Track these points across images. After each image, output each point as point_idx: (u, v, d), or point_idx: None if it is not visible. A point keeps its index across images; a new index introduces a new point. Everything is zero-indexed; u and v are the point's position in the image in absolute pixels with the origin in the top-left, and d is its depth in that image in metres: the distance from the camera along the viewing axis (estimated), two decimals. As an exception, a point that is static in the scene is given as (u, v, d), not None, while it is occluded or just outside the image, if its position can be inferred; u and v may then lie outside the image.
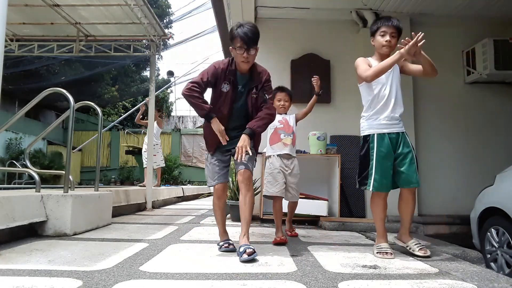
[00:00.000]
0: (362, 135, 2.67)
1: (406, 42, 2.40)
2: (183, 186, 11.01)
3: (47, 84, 11.89)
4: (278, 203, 3.25)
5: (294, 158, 3.37)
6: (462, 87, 5.19)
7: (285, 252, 2.61)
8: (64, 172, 3.44)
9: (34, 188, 3.22)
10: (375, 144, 2.55)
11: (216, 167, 2.68)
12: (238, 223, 3.72)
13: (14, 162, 10.37)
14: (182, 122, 21.01)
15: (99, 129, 4.22)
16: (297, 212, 4.22)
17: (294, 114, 3.52)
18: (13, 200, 2.59)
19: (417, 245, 2.60)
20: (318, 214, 4.29)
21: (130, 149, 14.68)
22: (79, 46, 6.18)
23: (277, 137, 3.35)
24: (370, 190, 2.54)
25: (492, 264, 3.24)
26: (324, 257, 2.46)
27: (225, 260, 2.30)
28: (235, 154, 2.51)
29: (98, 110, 4.22)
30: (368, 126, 2.61)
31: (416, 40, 2.36)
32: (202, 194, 11.04)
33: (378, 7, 4.85)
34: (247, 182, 2.58)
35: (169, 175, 14.94)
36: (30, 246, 2.53)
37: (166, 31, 7.34)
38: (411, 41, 2.37)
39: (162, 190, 7.50)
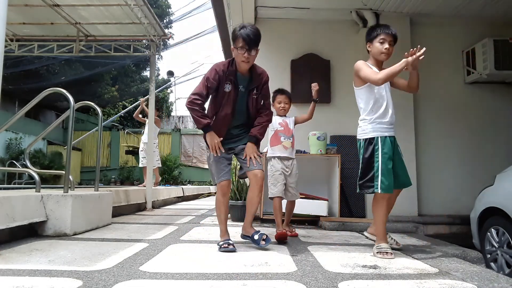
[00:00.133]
0: (363, 138, 2.68)
1: (413, 53, 2.47)
2: (183, 186, 11.02)
3: (47, 84, 11.90)
4: (278, 202, 3.39)
5: (293, 159, 3.51)
6: (462, 87, 5.19)
7: (285, 252, 2.61)
8: (64, 172, 3.44)
9: (34, 188, 3.22)
10: (380, 146, 2.59)
11: (221, 164, 2.75)
12: (237, 223, 3.73)
13: (14, 162, 10.37)
14: (182, 122, 21.00)
15: (99, 129, 4.22)
16: (297, 212, 4.23)
17: (294, 117, 3.62)
18: (13, 200, 2.59)
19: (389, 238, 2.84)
20: (318, 214, 4.29)
21: (130, 149, 14.70)
22: (79, 46, 6.17)
23: (277, 139, 3.46)
24: (379, 191, 2.55)
25: (492, 264, 3.24)
26: (324, 257, 2.46)
27: (225, 260, 2.30)
28: (247, 162, 2.75)
29: (98, 110, 4.22)
30: (372, 129, 2.64)
31: (421, 53, 2.44)
32: (202, 194, 11.05)
33: (378, 7, 4.85)
34: (261, 182, 2.77)
35: (169, 175, 14.94)
36: (30, 246, 2.53)
37: (166, 31, 7.34)
38: (417, 52, 2.44)
39: (162, 190, 7.50)
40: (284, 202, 3.53)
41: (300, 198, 4.34)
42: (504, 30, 5.00)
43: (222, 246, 2.57)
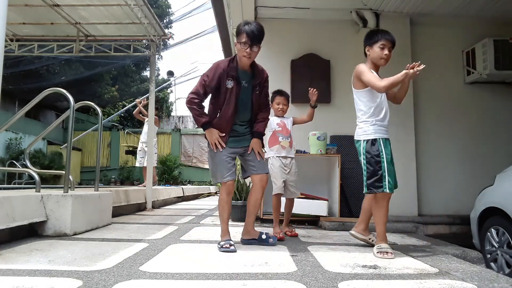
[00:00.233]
0: (366, 139, 2.71)
1: (413, 66, 2.51)
2: (183, 186, 11.01)
3: (47, 84, 11.90)
4: (277, 200, 3.49)
5: (291, 158, 3.57)
6: (462, 87, 5.18)
7: (285, 252, 2.61)
8: (64, 172, 3.44)
9: (34, 188, 3.22)
10: (383, 147, 2.66)
11: (227, 164, 2.77)
12: (237, 223, 3.73)
13: (14, 162, 10.36)
14: (182, 122, 21.01)
15: (99, 129, 4.23)
16: (297, 212, 4.24)
17: (292, 118, 3.69)
18: (13, 200, 2.59)
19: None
20: (318, 214, 4.29)
21: (130, 149, 14.68)
22: (79, 46, 6.18)
23: (275, 139, 3.54)
24: (387, 191, 2.60)
25: (492, 264, 3.24)
26: (324, 257, 2.46)
27: (225, 260, 2.30)
28: (257, 156, 2.86)
29: (98, 110, 4.22)
30: (374, 130, 2.69)
31: (420, 69, 2.49)
32: (202, 194, 11.05)
33: (378, 7, 4.85)
34: (265, 185, 2.92)
35: (169, 175, 14.93)
36: (30, 246, 2.53)
37: (166, 31, 7.34)
38: (417, 67, 2.49)
39: (162, 190, 7.50)
40: (283, 202, 3.60)
41: (300, 198, 4.36)
42: (504, 30, 5.00)
43: (224, 246, 2.56)
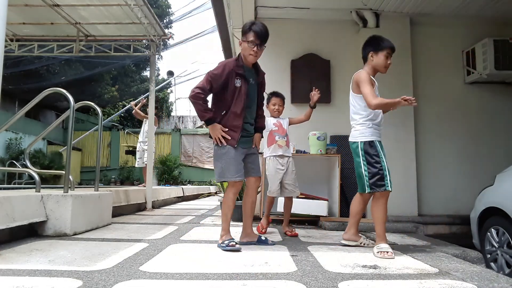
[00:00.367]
0: (363, 140, 2.78)
1: (408, 99, 2.62)
2: (183, 186, 11.01)
3: (47, 84, 11.90)
4: (271, 200, 3.68)
5: (288, 157, 3.65)
6: (462, 87, 5.19)
7: (285, 252, 2.61)
8: (64, 172, 3.43)
9: (34, 188, 3.22)
10: (380, 148, 2.76)
11: (239, 164, 2.78)
12: (237, 223, 3.73)
13: (14, 162, 10.35)
14: (182, 122, 21.00)
15: (99, 129, 4.22)
16: (297, 212, 4.24)
17: (288, 118, 3.79)
18: (13, 200, 2.59)
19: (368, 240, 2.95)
20: (318, 214, 4.29)
21: (130, 149, 14.66)
22: (79, 46, 6.18)
23: (272, 139, 3.65)
24: (389, 189, 2.69)
25: (492, 264, 3.24)
26: (324, 257, 2.46)
27: (225, 260, 2.30)
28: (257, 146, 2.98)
29: (98, 110, 4.21)
30: (371, 133, 2.78)
31: (413, 104, 2.63)
32: (202, 194, 11.04)
33: (378, 7, 4.85)
34: (259, 185, 3.01)
35: (169, 175, 14.93)
36: (30, 246, 2.53)
37: (166, 31, 7.33)
38: (411, 101, 2.62)
39: (162, 190, 7.50)
40: (281, 202, 3.79)
41: (300, 198, 4.36)
42: (504, 30, 5.00)
43: (229, 245, 2.56)
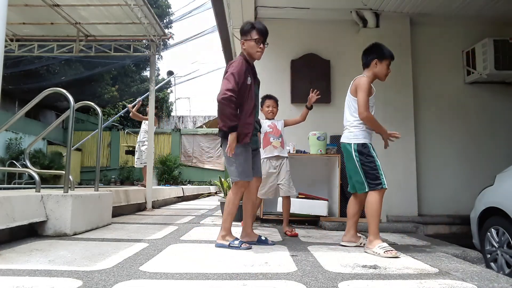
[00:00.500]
0: (357, 142, 2.87)
1: (394, 135, 2.97)
2: (183, 186, 11.01)
3: (47, 84, 11.88)
4: (259, 200, 3.76)
5: (283, 158, 3.72)
6: (462, 87, 5.18)
7: (285, 252, 2.62)
8: (64, 172, 3.43)
9: (34, 188, 3.22)
10: (372, 149, 2.86)
11: (249, 166, 2.81)
12: (237, 223, 3.72)
13: (14, 162, 10.34)
14: (182, 122, 21.00)
15: (99, 129, 4.22)
16: (297, 212, 4.24)
17: (283, 120, 3.84)
18: (13, 200, 2.59)
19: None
20: (318, 214, 4.29)
21: (130, 149, 14.65)
22: (79, 46, 6.17)
23: (267, 140, 3.72)
24: (386, 187, 2.79)
25: (492, 264, 3.24)
26: (324, 257, 2.46)
27: (225, 260, 2.30)
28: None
29: (98, 110, 4.21)
30: (363, 135, 2.89)
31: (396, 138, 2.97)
32: (202, 194, 11.04)
33: (378, 7, 4.85)
34: (258, 187, 3.07)
35: (169, 175, 14.93)
36: (30, 246, 2.53)
37: (166, 31, 7.33)
38: (395, 135, 2.97)
39: (162, 190, 7.49)
40: (279, 202, 3.94)
41: (300, 197, 4.36)
42: (504, 30, 5.00)
43: (242, 246, 2.65)
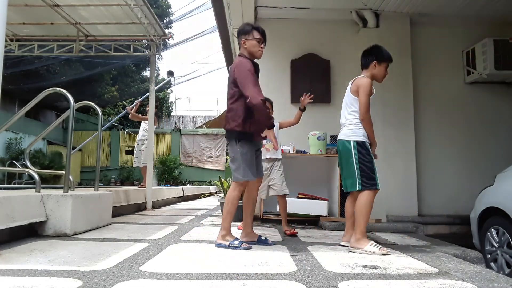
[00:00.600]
0: (356, 140, 2.85)
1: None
2: (183, 186, 11.01)
3: (47, 84, 11.89)
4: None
5: (275, 160, 3.77)
6: (462, 87, 5.19)
7: (285, 252, 2.62)
8: (64, 172, 3.43)
9: (34, 188, 3.22)
10: (368, 149, 2.86)
11: (253, 165, 2.82)
12: (236, 223, 3.72)
13: (14, 162, 10.35)
14: (182, 122, 21.00)
15: (99, 129, 4.22)
16: (297, 212, 4.24)
17: (278, 122, 3.83)
18: (13, 200, 2.59)
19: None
20: (318, 214, 4.29)
21: (130, 149, 14.65)
22: (79, 46, 6.17)
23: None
24: (379, 188, 2.79)
25: (492, 264, 3.24)
26: (324, 257, 2.46)
27: (225, 260, 2.30)
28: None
29: (98, 110, 4.21)
30: (362, 134, 2.88)
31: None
32: (202, 194, 11.04)
33: (378, 7, 4.85)
34: (259, 187, 3.08)
35: (169, 175, 14.93)
36: (30, 246, 2.53)
37: (166, 31, 7.33)
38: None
39: (162, 190, 7.50)
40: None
41: (300, 197, 4.36)
42: (504, 30, 5.00)
43: (242, 246, 2.65)
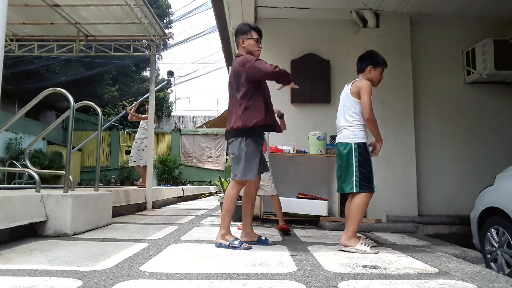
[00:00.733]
0: (357, 142, 2.85)
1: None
2: (183, 186, 11.01)
3: (47, 84, 11.89)
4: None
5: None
6: (462, 87, 5.18)
7: (285, 252, 2.62)
8: (64, 172, 3.43)
9: (34, 188, 3.22)
10: (368, 151, 2.87)
11: (256, 164, 2.81)
12: (236, 223, 3.73)
13: (14, 162, 10.35)
14: (182, 122, 21.00)
15: (99, 129, 4.23)
16: (297, 212, 4.25)
17: None
18: (13, 200, 2.59)
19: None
20: (318, 214, 4.29)
21: (130, 149, 14.67)
22: (79, 46, 6.17)
23: None
24: (375, 191, 2.81)
25: (492, 264, 3.24)
26: (324, 257, 2.46)
27: (225, 260, 2.30)
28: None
29: (98, 110, 4.21)
30: (363, 135, 2.89)
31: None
32: (202, 194, 11.04)
33: (378, 7, 4.85)
34: (258, 186, 3.15)
35: (169, 175, 14.93)
36: (30, 246, 2.53)
37: (166, 31, 7.33)
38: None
39: (162, 190, 7.50)
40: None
41: (300, 197, 4.37)
42: (504, 30, 4.99)
43: (242, 246, 2.66)
